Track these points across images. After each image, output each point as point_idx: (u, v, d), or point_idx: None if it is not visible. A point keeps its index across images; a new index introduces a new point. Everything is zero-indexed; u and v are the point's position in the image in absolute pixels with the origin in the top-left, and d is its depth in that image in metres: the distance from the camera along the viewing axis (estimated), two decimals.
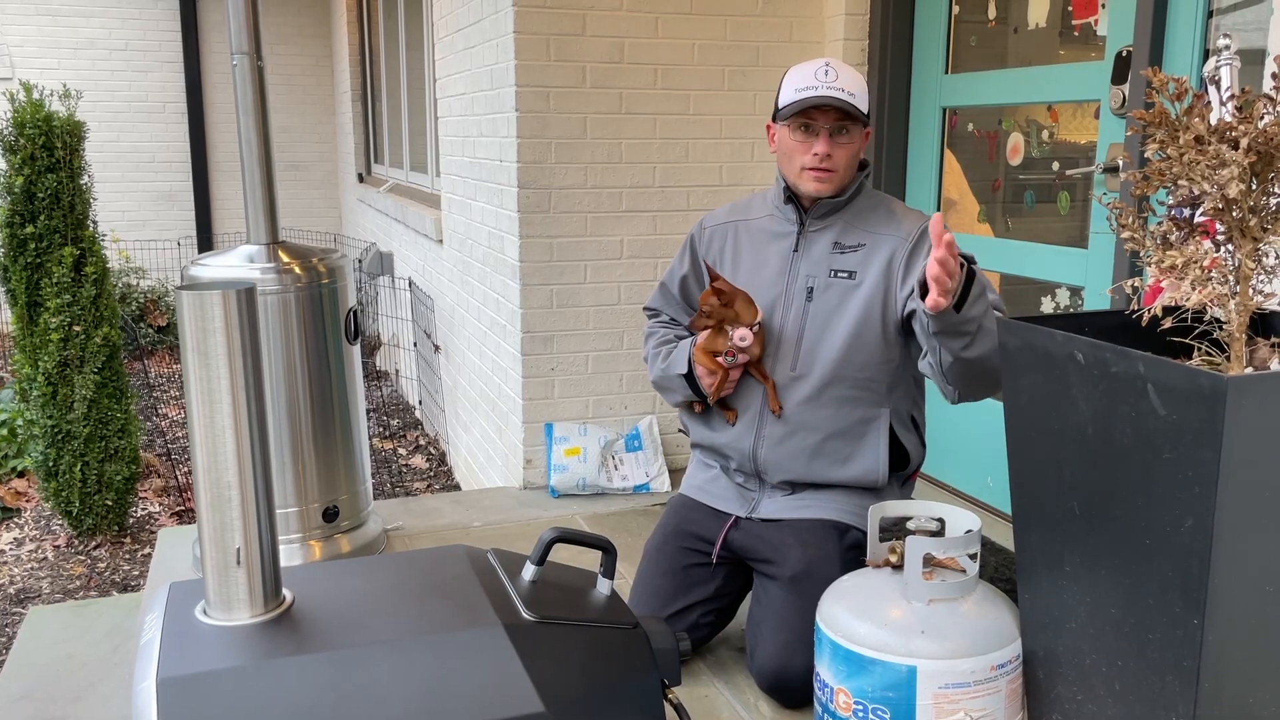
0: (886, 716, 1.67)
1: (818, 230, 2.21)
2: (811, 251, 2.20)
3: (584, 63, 3.29)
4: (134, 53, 8.16)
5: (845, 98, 2.07)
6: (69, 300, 3.66)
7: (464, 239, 4.17)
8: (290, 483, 2.72)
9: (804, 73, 2.12)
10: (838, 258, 2.17)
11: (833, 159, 2.12)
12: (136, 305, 7.33)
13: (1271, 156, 1.40)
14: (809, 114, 2.10)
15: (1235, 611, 1.37)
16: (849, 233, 2.19)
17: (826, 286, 2.17)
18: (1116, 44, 2.58)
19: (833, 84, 2.08)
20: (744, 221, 2.31)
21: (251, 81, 2.61)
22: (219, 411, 1.51)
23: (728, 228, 2.32)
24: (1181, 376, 1.33)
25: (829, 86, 2.08)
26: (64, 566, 3.79)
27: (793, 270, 2.21)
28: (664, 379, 2.30)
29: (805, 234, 2.21)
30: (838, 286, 2.16)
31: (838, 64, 2.13)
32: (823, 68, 2.11)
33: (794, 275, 2.20)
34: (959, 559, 1.76)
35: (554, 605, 1.69)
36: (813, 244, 2.20)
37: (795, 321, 2.18)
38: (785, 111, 2.12)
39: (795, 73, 2.15)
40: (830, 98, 2.07)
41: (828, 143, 2.10)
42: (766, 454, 2.18)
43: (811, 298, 2.17)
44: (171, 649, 1.49)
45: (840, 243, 2.18)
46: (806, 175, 2.14)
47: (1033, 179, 3.02)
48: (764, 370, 2.19)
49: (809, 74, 2.11)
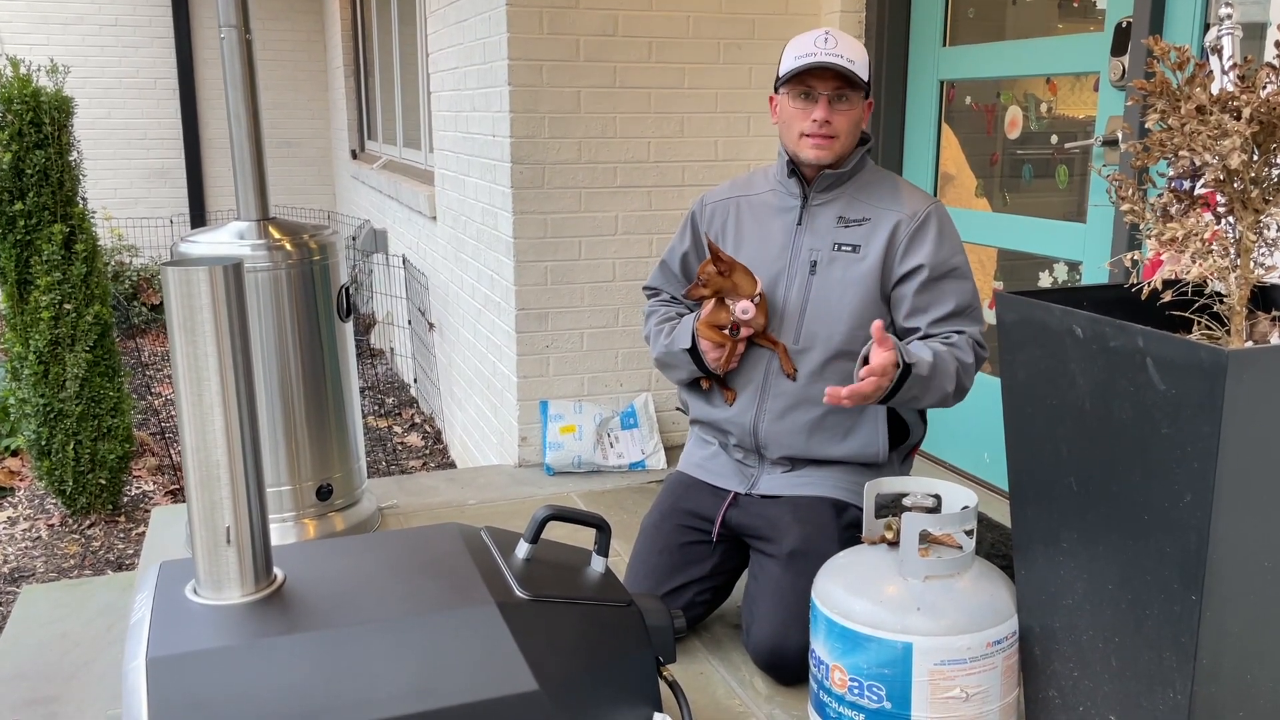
0: (882, 693, 1.66)
1: (821, 204, 2.19)
2: (815, 225, 2.18)
3: (577, 36, 3.25)
4: (124, 28, 8.08)
5: (844, 64, 2.06)
6: (59, 278, 3.63)
7: (458, 215, 4.14)
8: (283, 461, 2.70)
9: (804, 41, 2.11)
10: (842, 231, 2.16)
11: (832, 125, 2.10)
12: (130, 283, 7.29)
13: (1274, 126, 1.38)
14: (807, 80, 2.09)
15: (1233, 588, 1.36)
16: (854, 207, 2.17)
17: (830, 260, 2.15)
18: (1116, 15, 2.54)
19: (832, 50, 2.07)
20: (746, 197, 2.29)
21: (239, 55, 2.57)
22: (207, 389, 1.49)
23: (729, 203, 2.30)
24: (1181, 350, 1.31)
25: (827, 53, 2.07)
26: (58, 545, 3.78)
27: (796, 244, 2.19)
28: (667, 355, 2.27)
29: (809, 208, 2.19)
30: (841, 260, 2.15)
31: (838, 33, 2.12)
32: (822, 36, 2.10)
33: (797, 249, 2.18)
34: (955, 535, 1.75)
35: (548, 583, 1.68)
36: (816, 218, 2.19)
37: (798, 295, 2.16)
38: (785, 77, 2.12)
39: (795, 42, 2.14)
40: (829, 63, 2.06)
41: (827, 109, 2.09)
42: (768, 428, 2.17)
43: (815, 271, 2.16)
44: (161, 628, 1.48)
45: (845, 216, 2.17)
46: (805, 142, 2.12)
47: (1031, 153, 2.99)
48: (771, 337, 2.17)
49: (808, 42, 2.10)
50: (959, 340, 2.09)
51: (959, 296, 2.11)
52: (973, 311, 2.13)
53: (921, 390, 2.00)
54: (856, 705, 1.69)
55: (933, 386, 2.02)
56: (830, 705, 1.74)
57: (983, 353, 2.13)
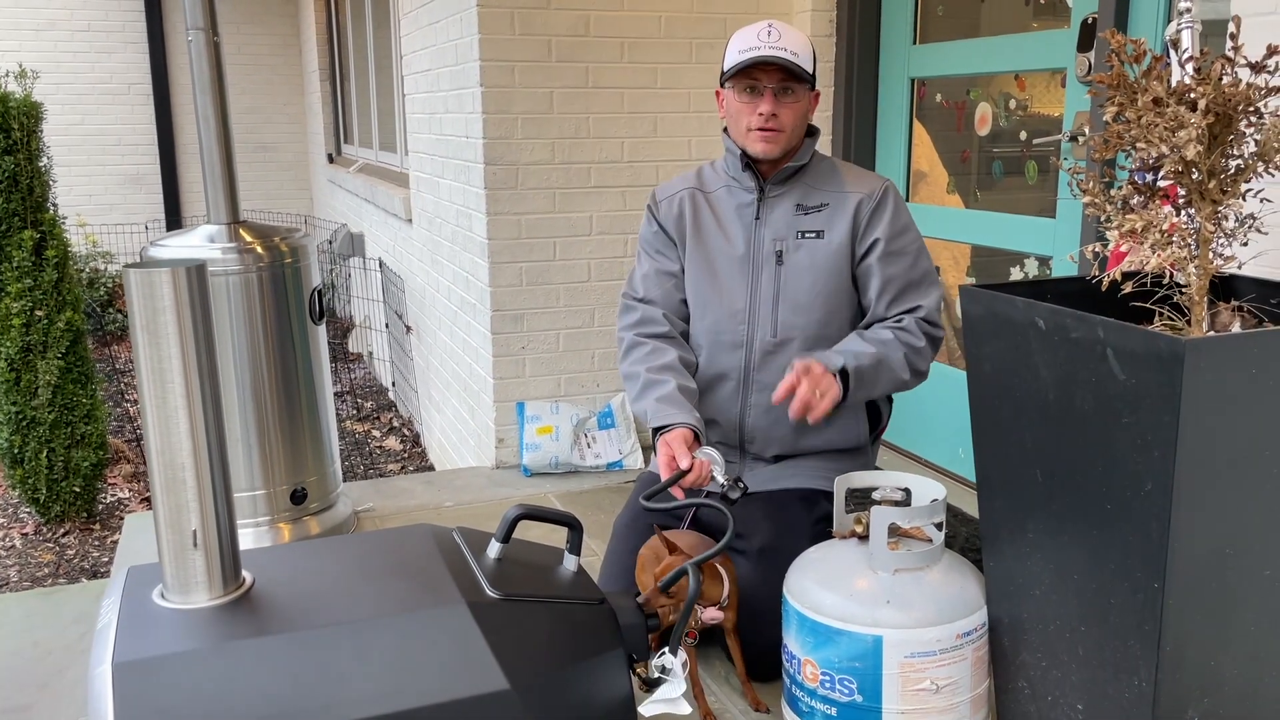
0: (853, 686, 1.67)
1: (778, 195, 2.20)
2: (774, 216, 2.19)
3: (549, 36, 3.25)
4: (97, 33, 8.02)
5: (789, 57, 2.06)
6: (30, 285, 3.60)
7: (433, 218, 4.13)
8: (257, 465, 2.69)
9: (747, 34, 2.11)
10: (802, 219, 2.18)
11: (778, 119, 2.11)
12: (104, 290, 7.23)
13: (1230, 118, 1.39)
14: (753, 74, 2.10)
15: (1195, 575, 1.37)
16: (810, 194, 2.19)
17: (796, 248, 2.17)
18: (1082, 11, 2.57)
19: (775, 44, 2.07)
20: (701, 191, 2.28)
21: (208, 58, 2.56)
22: (171, 392, 1.48)
23: (684, 195, 2.28)
24: (1140, 340, 1.32)
25: (771, 46, 2.06)
26: (32, 554, 3.75)
27: (757, 238, 2.20)
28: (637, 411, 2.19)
29: (765, 200, 2.20)
30: (807, 246, 2.17)
31: (781, 25, 2.12)
32: (765, 28, 2.10)
33: (759, 242, 2.19)
34: (925, 528, 1.76)
35: (519, 582, 1.68)
36: (774, 209, 2.20)
37: (769, 286, 2.17)
38: (730, 72, 2.11)
39: (739, 35, 2.13)
40: (773, 57, 2.05)
41: (773, 102, 2.10)
42: (754, 422, 2.18)
43: (782, 260, 2.17)
44: (128, 633, 1.46)
45: (803, 204, 2.19)
46: (753, 136, 2.13)
47: (1001, 149, 3.01)
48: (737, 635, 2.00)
49: (752, 35, 2.10)
50: (909, 322, 2.13)
51: (915, 265, 2.16)
52: (928, 277, 2.18)
53: (872, 382, 2.06)
54: (828, 699, 1.70)
55: (882, 377, 2.07)
56: (803, 699, 1.74)
57: (936, 331, 2.16)
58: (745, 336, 2.19)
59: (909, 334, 2.11)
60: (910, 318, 2.13)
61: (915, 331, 2.12)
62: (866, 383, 2.05)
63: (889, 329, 2.12)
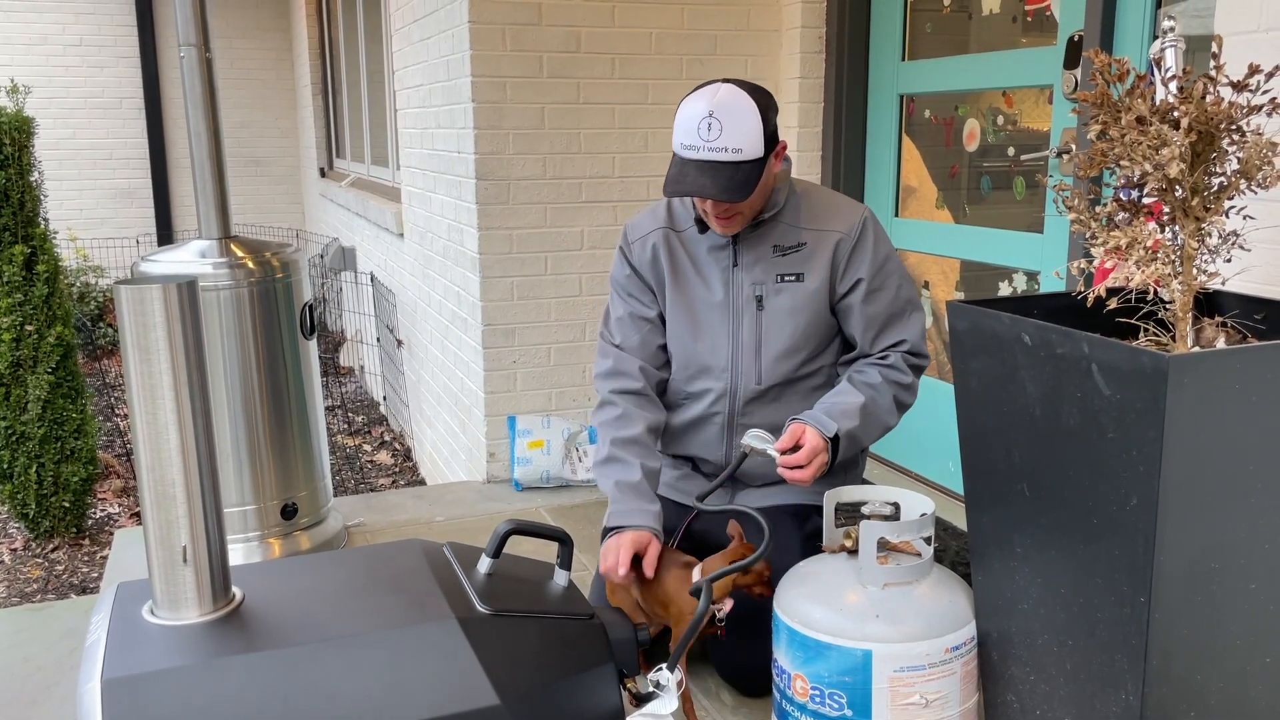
0: (843, 701, 1.67)
1: (752, 239, 2.12)
2: (750, 260, 2.12)
3: (541, 52, 3.26)
4: (89, 48, 8.03)
5: (728, 157, 1.90)
6: (20, 299, 3.59)
7: (424, 232, 4.14)
8: (247, 480, 2.68)
9: (689, 122, 1.93)
10: (780, 261, 2.11)
11: (734, 207, 2.00)
12: (95, 304, 7.22)
13: (1212, 136, 1.41)
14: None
15: (1181, 589, 1.38)
16: (787, 233, 2.11)
17: (776, 292, 2.11)
18: (1069, 29, 2.59)
19: (714, 143, 1.90)
20: (674, 231, 2.18)
21: (200, 73, 2.57)
22: (161, 408, 1.48)
23: (658, 235, 2.18)
24: (1125, 356, 1.34)
25: (710, 148, 1.90)
26: (21, 570, 3.73)
27: (735, 283, 2.13)
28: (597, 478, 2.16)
29: (740, 245, 2.12)
30: (788, 290, 2.11)
31: (724, 111, 1.90)
32: (705, 122, 1.90)
33: (737, 287, 2.13)
34: (914, 542, 1.77)
35: (509, 597, 1.68)
36: (749, 253, 2.12)
37: (750, 334, 2.13)
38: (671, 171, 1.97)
39: (683, 115, 1.94)
40: (712, 160, 1.90)
41: (718, 204, 2.00)
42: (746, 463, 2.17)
43: (762, 306, 2.12)
44: (117, 649, 1.46)
45: (780, 245, 2.11)
46: (711, 219, 2.05)
47: (990, 165, 3.03)
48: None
49: (693, 128, 1.92)
50: (894, 359, 2.11)
51: (897, 297, 2.13)
52: (910, 305, 2.15)
53: (861, 438, 2.05)
54: (819, 714, 1.70)
55: (871, 432, 2.06)
56: (793, 714, 1.75)
57: (921, 360, 2.16)
58: (729, 385, 2.16)
59: (896, 371, 2.10)
60: (895, 353, 2.11)
61: (902, 367, 2.11)
62: (856, 441, 2.04)
63: (876, 368, 2.09)
